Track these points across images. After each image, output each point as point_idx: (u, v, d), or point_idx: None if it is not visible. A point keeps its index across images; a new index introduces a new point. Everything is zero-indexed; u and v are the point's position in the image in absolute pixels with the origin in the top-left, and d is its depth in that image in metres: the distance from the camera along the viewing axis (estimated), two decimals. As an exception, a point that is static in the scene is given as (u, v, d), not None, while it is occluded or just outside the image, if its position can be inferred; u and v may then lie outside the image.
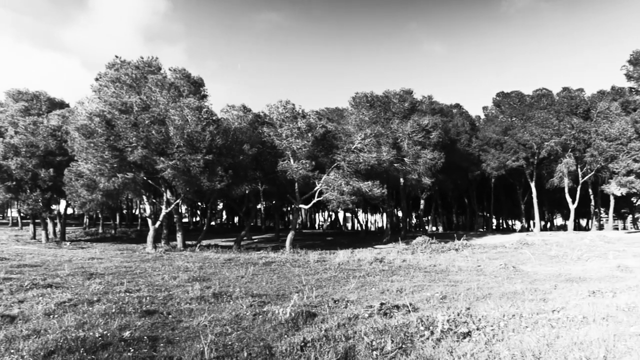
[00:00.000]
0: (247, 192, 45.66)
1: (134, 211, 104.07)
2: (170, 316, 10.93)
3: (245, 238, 53.85)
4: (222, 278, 18.62)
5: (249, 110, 49.85)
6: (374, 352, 7.58)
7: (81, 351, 7.65)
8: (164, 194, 41.22)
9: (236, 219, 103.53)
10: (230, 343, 8.44)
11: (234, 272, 20.95)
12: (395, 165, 51.15)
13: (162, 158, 35.38)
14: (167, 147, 36.37)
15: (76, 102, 42.61)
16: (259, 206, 71.49)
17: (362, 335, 8.50)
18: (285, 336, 8.79)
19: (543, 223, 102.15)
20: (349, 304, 12.59)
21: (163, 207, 41.60)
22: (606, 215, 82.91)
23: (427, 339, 8.18)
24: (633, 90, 63.08)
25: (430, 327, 8.73)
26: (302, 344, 8.09)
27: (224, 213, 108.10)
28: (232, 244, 45.33)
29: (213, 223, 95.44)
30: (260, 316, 10.60)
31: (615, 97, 68.03)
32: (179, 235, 41.65)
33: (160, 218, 41.31)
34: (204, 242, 45.16)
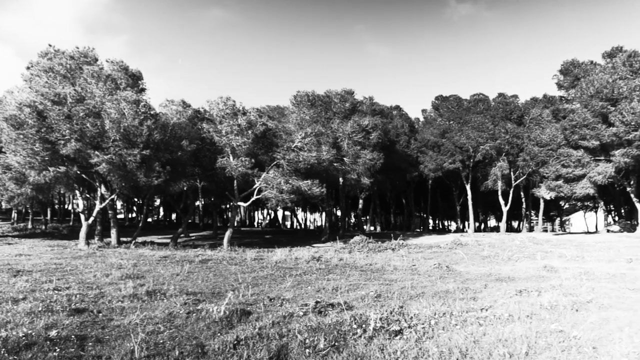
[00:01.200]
0: (185, 188, 45.02)
1: (66, 206, 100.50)
2: (100, 314, 10.66)
3: (182, 235, 53.02)
4: (157, 276, 18.29)
5: (189, 106, 49.13)
6: (307, 350, 7.63)
7: (2, 351, 7.37)
8: (98, 189, 40.06)
9: (174, 216, 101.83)
10: (162, 342, 8.31)
11: (170, 269, 20.61)
12: (335, 164, 51.53)
13: (96, 152, 34.37)
14: (102, 140, 35.35)
15: (5, 91, 40.81)
16: (197, 203, 70.49)
17: (296, 333, 8.53)
18: (219, 334, 8.72)
19: (477, 224, 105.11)
20: (284, 302, 12.61)
21: (97, 202, 40.39)
22: (536, 218, 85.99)
23: (360, 336, 8.30)
24: (563, 98, 65.69)
25: (363, 325, 8.85)
26: (235, 342, 8.06)
27: (161, 209, 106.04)
28: (168, 241, 44.47)
29: (150, 220, 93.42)
30: (194, 314, 10.47)
31: (546, 104, 70.73)
32: (113, 232, 40.56)
33: (94, 214, 40.13)
34: (140, 239, 44.15)
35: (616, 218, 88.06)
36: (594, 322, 9.15)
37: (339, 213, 80.00)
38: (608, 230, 67.34)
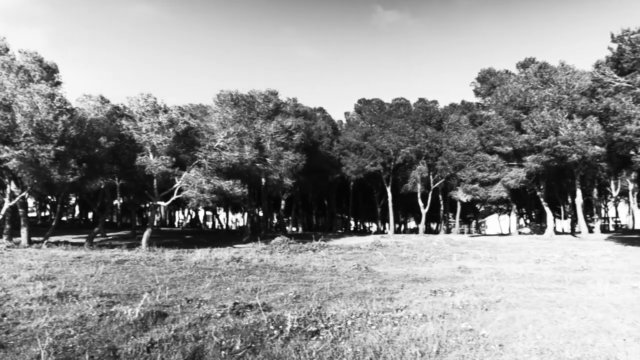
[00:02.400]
0: (102, 186, 43.60)
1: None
2: (5, 318, 10.15)
3: (98, 235, 51.17)
4: (70, 277, 17.61)
5: (108, 102, 47.58)
6: (223, 352, 7.57)
7: None
8: (8, 185, 38.12)
9: (90, 215, 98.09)
10: (71, 346, 8.01)
11: (83, 270, 19.89)
12: (258, 165, 51.25)
13: (6, 147, 32.64)
14: (12, 135, 33.60)
15: None
16: (115, 202, 68.38)
17: (213, 335, 8.44)
18: (132, 337, 8.50)
19: (397, 226, 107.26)
20: (202, 303, 12.44)
21: (6, 199, 38.41)
22: (454, 220, 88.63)
23: (277, 338, 8.31)
24: (480, 105, 68.21)
25: (280, 326, 8.87)
26: (149, 345, 7.88)
27: (76, 208, 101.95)
28: (84, 241, 42.79)
29: (64, 218, 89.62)
30: (108, 317, 10.15)
31: (464, 110, 73.30)
32: (23, 231, 38.60)
33: (2, 212, 38.13)
34: (53, 239, 42.25)
35: (527, 221, 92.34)
36: (501, 320, 9.56)
37: (261, 214, 79.58)
38: (520, 233, 70.44)
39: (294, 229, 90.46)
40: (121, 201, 75.91)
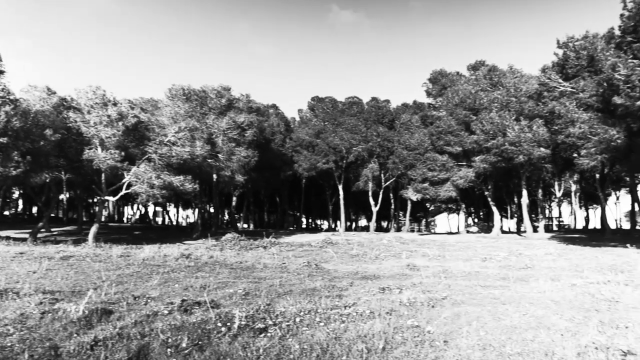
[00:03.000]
0: (47, 180, 42.38)
1: None
2: (-61, 316, 9.77)
3: (43, 230, 49.73)
4: (11, 273, 17.07)
5: (54, 93, 46.33)
6: (169, 350, 7.48)
7: None
8: (-55, 178, 36.73)
9: (34, 209, 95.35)
10: (10, 345, 7.76)
11: (26, 266, 19.32)
12: (209, 160, 50.77)
13: (-56, 138, 31.49)
14: (-50, 125, 32.43)
15: None
16: (61, 196, 66.49)
17: (159, 332, 8.33)
18: (76, 335, 8.29)
19: (348, 223, 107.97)
20: (149, 300, 12.25)
21: (-56, 193, 37.01)
22: (404, 218, 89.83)
23: (224, 335, 8.25)
24: (431, 106, 69.34)
25: (228, 324, 8.81)
26: (93, 343, 7.71)
27: (20, 202, 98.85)
28: (27, 236, 41.58)
29: (7, 213, 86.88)
30: (50, 314, 9.86)
31: (416, 110, 74.35)
32: (-38, 226, 37.34)
33: (-60, 205, 36.73)
34: (-7, 234, 40.95)
35: (475, 220, 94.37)
36: (447, 317, 9.74)
37: (212, 210, 78.91)
38: (468, 231, 72.05)
39: (245, 225, 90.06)
40: (67, 196, 74.02)
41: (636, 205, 51.90)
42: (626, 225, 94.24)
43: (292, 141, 73.91)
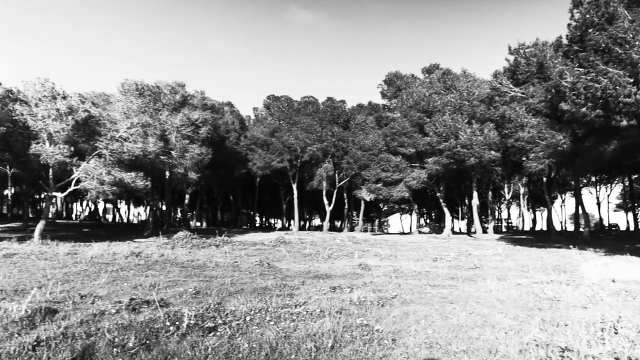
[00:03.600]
0: (-9, 175, 41.03)
1: None
2: None
3: (-15, 226, 48.15)
4: (-50, 271, 16.49)
5: None
6: (115, 349, 7.35)
7: None
8: None
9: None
10: (-54, 345, 7.50)
11: (-34, 264, 18.69)
12: (162, 157, 49.98)
13: None
14: None
15: None
16: (5, 192, 64.48)
17: (105, 332, 8.18)
18: (17, 335, 8.06)
19: (302, 223, 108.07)
20: (96, 299, 12.02)
21: None
22: (357, 218, 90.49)
23: (173, 334, 8.17)
24: (386, 107, 70.05)
25: (177, 323, 8.73)
26: (35, 343, 7.52)
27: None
28: (-32, 232, 40.19)
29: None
30: (-10, 314, 9.59)
31: (371, 111, 75.00)
32: None
33: None
34: None
35: (427, 220, 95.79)
36: (396, 316, 9.89)
37: (164, 207, 77.78)
38: (420, 232, 72.93)
39: (198, 224, 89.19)
40: (12, 191, 71.75)
41: (580, 208, 53.58)
42: (571, 227, 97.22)
43: (247, 139, 73.48)
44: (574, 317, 9.51)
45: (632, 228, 76.35)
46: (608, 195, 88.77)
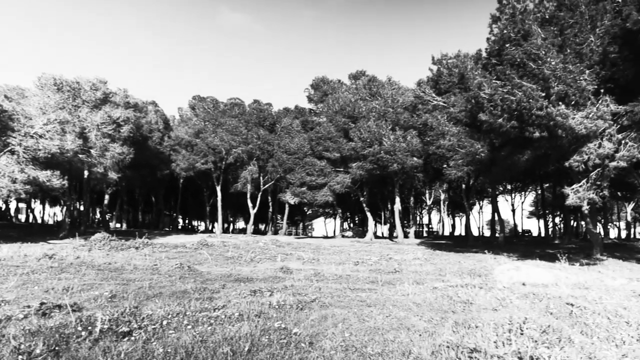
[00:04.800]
0: None
1: None
2: None
3: None
4: None
5: None
6: (20, 357, 7.03)
7: None
8: None
9: None
10: None
11: None
12: (81, 156, 48.18)
13: None
14: None
15: None
16: None
17: (11, 338, 7.81)
18: None
19: (226, 225, 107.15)
20: (3, 304, 11.46)
21: None
22: (282, 221, 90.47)
23: (84, 339, 7.91)
24: (312, 111, 70.50)
25: (90, 327, 8.45)
26: None
27: None
28: None
29: None
30: None
31: (297, 115, 75.26)
32: None
33: None
34: None
35: (351, 225, 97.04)
36: (314, 319, 9.97)
37: (82, 208, 75.02)
38: (343, 236, 73.79)
39: (118, 225, 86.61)
40: None
41: (496, 214, 55.72)
42: (487, 233, 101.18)
43: (171, 140, 72.14)
44: (484, 319, 9.88)
45: (543, 234, 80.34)
46: (522, 203, 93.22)
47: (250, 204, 74.04)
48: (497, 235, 56.55)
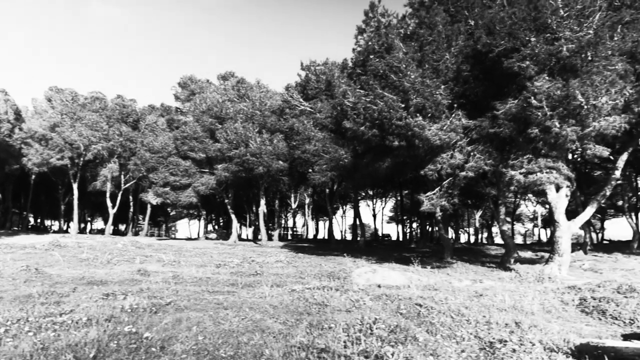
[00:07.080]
0: None
1: None
2: None
3: None
4: None
5: None
6: None
7: None
8: None
9: None
10: None
11: None
12: None
13: None
14: None
15: None
16: None
17: None
18: None
19: (83, 225, 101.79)
20: None
21: None
22: (144, 222, 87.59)
23: None
24: (179, 110, 69.12)
25: None
26: None
27: None
28: None
29: None
30: None
31: (163, 113, 73.40)
32: None
33: None
34: None
35: (215, 227, 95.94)
36: (168, 323, 9.75)
37: None
38: (207, 238, 72.84)
39: (-43, 224, 79.19)
40: None
41: (358, 219, 57.75)
42: (350, 237, 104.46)
43: (23, 132, 67.10)
44: (338, 320, 10.21)
45: (401, 238, 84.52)
46: (383, 208, 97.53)
47: (109, 204, 70.87)
48: (358, 239, 58.54)
